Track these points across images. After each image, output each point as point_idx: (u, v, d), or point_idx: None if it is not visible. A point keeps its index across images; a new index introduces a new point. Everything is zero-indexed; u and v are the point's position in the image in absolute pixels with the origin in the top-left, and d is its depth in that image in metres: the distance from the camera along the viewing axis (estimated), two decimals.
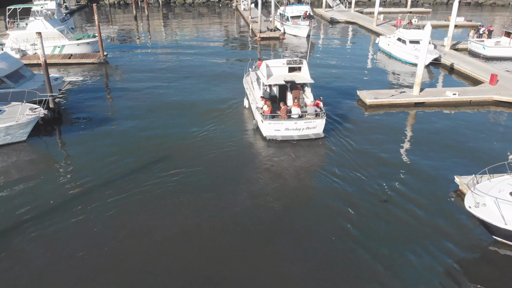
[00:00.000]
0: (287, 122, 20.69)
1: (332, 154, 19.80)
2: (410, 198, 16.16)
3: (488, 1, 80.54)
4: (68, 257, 13.13)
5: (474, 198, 12.94)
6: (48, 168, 19.04)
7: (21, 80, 24.86)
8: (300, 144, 20.82)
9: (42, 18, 37.11)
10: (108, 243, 13.76)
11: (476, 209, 12.86)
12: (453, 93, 26.67)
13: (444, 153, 19.88)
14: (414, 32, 37.36)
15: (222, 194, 16.49)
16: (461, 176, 16.64)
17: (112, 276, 12.42)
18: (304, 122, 20.74)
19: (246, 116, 24.63)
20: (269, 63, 22.74)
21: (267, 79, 22.03)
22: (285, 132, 20.88)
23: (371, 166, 18.48)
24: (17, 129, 20.34)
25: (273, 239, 13.89)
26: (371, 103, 25.93)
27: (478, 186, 13.52)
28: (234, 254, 13.26)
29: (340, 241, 13.74)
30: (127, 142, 21.22)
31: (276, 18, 52.38)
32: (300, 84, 22.67)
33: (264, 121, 20.66)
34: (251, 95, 24.13)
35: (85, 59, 35.78)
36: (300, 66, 22.53)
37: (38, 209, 15.55)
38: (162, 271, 12.55)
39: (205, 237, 14.04)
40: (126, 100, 27.34)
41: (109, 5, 76.85)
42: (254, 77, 24.58)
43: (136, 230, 14.42)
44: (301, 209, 15.56)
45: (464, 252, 13.37)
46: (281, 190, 16.77)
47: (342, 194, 16.46)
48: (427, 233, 14.16)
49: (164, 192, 16.62)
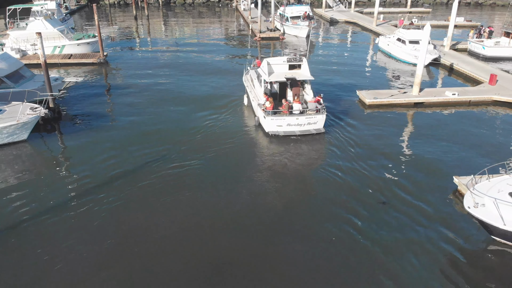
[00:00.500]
0: (289, 118, 21.12)
1: (331, 154, 19.83)
2: (408, 199, 16.20)
3: (488, 1, 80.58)
4: (68, 254, 13.21)
5: (473, 198, 12.98)
6: (49, 167, 19.13)
7: (21, 80, 24.90)
8: (301, 141, 20.96)
9: (42, 18, 37.13)
10: (108, 240, 13.86)
11: (475, 210, 12.90)
12: (452, 93, 26.71)
13: (443, 153, 19.92)
14: (414, 32, 37.40)
15: (222, 191, 16.60)
16: (459, 177, 16.67)
17: (112, 273, 12.48)
18: (305, 117, 21.24)
19: (246, 113, 24.99)
20: (270, 60, 23.09)
21: (269, 76, 22.39)
22: (287, 127, 21.32)
23: (370, 167, 18.52)
24: (18, 128, 20.41)
25: (273, 239, 13.93)
26: (370, 103, 25.97)
27: (477, 187, 13.55)
28: (234, 253, 13.30)
29: (340, 242, 13.78)
30: (126, 140, 21.29)
31: (276, 18, 52.43)
32: (300, 81, 23.09)
33: (266, 117, 21.08)
34: (251, 92, 24.48)
35: (85, 59, 35.80)
36: (300, 63, 22.97)
37: (38, 207, 15.62)
38: (162, 270, 12.59)
39: (205, 235, 14.08)
40: (126, 99, 27.39)
41: (109, 5, 76.89)
42: (255, 75, 24.93)
43: (136, 227, 14.51)
44: (301, 209, 15.60)
45: (463, 252, 13.40)
46: (281, 189, 16.81)
47: (341, 195, 16.50)
48: (425, 233, 14.19)
49: (165, 188, 16.80)
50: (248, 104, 25.63)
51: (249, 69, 27.38)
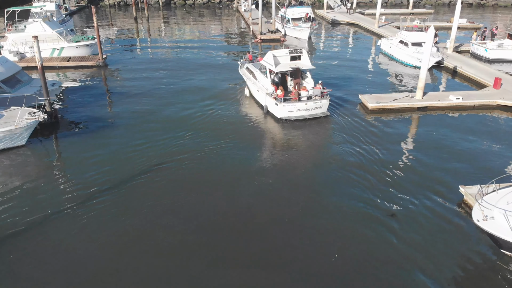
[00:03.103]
0: (299, 104, 23.73)
1: (333, 162, 19.42)
2: (413, 209, 15.75)
3: (490, 2, 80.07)
4: (67, 261, 13.10)
5: (481, 211, 12.53)
6: (48, 172, 18.91)
7: (17, 85, 24.53)
8: (306, 132, 22.48)
9: (40, 20, 36.71)
10: (109, 247, 13.79)
11: (484, 223, 12.45)
12: (456, 97, 26.28)
13: (447, 161, 19.45)
14: (417, 35, 36.93)
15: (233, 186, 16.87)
16: (466, 186, 16.24)
17: (112, 282, 12.28)
18: (313, 103, 23.93)
19: (249, 103, 27.06)
20: (275, 53, 25.21)
21: (276, 67, 24.46)
22: (297, 112, 23.86)
23: (373, 175, 18.10)
24: (16, 133, 20.12)
25: (279, 246, 13.57)
26: (373, 107, 25.54)
27: (486, 198, 13.11)
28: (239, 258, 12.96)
29: (342, 259, 13.37)
30: (125, 145, 21.05)
31: (277, 20, 51.95)
32: (301, 71, 25.64)
33: (279, 104, 23.50)
34: (255, 84, 26.40)
35: (83, 62, 35.37)
36: (300, 55, 25.35)
37: (36, 213, 15.47)
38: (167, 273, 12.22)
39: (206, 240, 13.75)
40: (125, 103, 27.01)
41: (109, 6, 76.44)
42: (255, 68, 27.02)
43: (138, 232, 14.44)
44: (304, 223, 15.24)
45: (471, 265, 13.00)
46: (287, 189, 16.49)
47: (346, 202, 16.11)
48: (432, 245, 13.77)
49: (166, 189, 16.74)
50: (249, 95, 27.80)
51: (243, 61, 29.52)
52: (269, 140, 22.32)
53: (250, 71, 27.64)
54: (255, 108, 26.24)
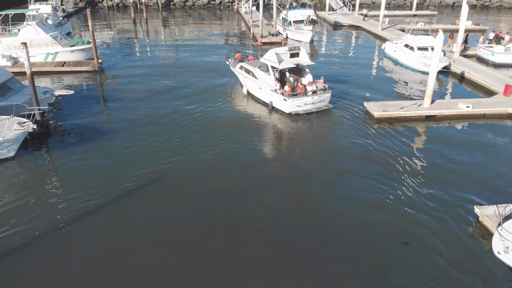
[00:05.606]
0: (306, 98, 24.99)
1: (340, 176, 18.32)
2: (425, 233, 14.58)
3: (495, 3, 78.87)
4: (57, 276, 12.62)
5: (502, 241, 11.43)
6: (37, 186, 17.94)
7: (8, 93, 23.47)
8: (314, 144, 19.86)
9: (34, 24, 35.61)
10: (102, 262, 13.28)
11: (505, 255, 11.35)
12: (466, 105, 25.14)
13: (459, 176, 18.28)
14: (423, 38, 35.80)
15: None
16: (481, 206, 15.13)
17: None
18: (318, 96, 25.30)
19: (250, 101, 27.71)
20: (277, 51, 26.15)
21: (279, 64, 25.37)
22: (305, 106, 25.11)
23: (380, 193, 16.99)
24: (4, 145, 19.06)
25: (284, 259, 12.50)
26: (379, 116, 24.44)
27: (505, 226, 11.99)
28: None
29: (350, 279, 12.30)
30: (120, 155, 20.19)
31: (278, 22, 50.80)
32: (301, 67, 26.87)
33: (288, 100, 24.59)
34: (255, 82, 27.18)
35: (78, 67, 34.28)
36: (299, 52, 26.61)
37: (26, 227, 14.87)
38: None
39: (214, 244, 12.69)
40: (120, 111, 25.95)
41: (107, 7, 75.36)
42: (252, 66, 27.68)
43: (133, 244, 13.91)
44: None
45: None
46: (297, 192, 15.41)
47: (352, 224, 15.04)
48: (446, 271, 12.68)
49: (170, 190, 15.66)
50: (247, 93, 28.50)
51: (233, 60, 30.65)
52: (279, 136, 23.20)
53: (247, 70, 28.27)
54: (256, 105, 26.95)
